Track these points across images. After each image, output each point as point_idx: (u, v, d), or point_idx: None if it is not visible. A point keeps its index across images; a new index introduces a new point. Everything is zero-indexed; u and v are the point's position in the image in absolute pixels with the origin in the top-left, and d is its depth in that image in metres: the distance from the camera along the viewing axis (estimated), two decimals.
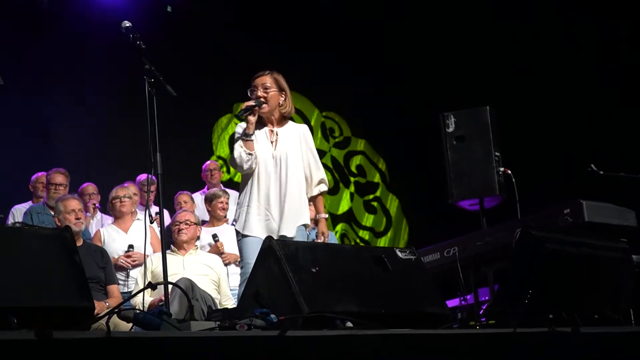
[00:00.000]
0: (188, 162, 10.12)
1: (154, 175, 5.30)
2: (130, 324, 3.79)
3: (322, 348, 3.51)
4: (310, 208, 5.84)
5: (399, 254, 4.62)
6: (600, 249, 5.00)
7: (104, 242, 7.40)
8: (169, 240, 7.04)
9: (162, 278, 5.15)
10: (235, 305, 5.89)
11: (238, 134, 5.53)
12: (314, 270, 4.15)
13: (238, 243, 5.55)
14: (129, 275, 7.22)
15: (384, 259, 4.49)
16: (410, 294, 4.48)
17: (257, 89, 5.58)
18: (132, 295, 6.47)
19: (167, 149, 5.37)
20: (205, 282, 6.78)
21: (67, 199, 6.89)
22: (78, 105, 9.79)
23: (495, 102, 7.41)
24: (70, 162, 9.41)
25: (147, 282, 6.10)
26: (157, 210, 5.50)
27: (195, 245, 7.20)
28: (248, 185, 5.52)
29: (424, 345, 3.83)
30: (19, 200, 8.28)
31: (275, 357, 3.41)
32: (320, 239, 5.65)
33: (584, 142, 9.87)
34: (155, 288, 5.22)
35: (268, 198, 5.46)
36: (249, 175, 5.52)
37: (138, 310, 3.82)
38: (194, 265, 6.94)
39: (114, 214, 7.69)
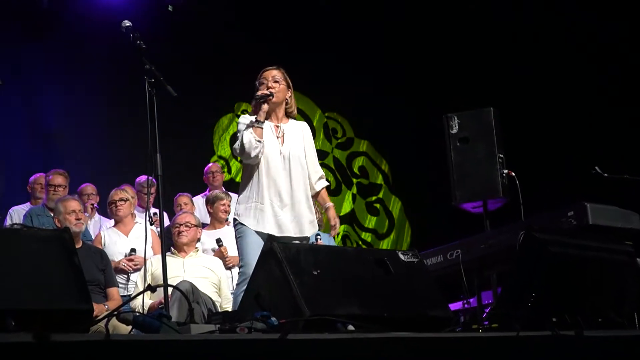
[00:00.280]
0: (188, 162, 10.12)
1: (154, 177, 5.30)
2: (130, 327, 3.79)
3: (323, 351, 3.51)
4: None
5: (402, 257, 4.62)
6: (605, 252, 5.01)
7: (105, 244, 7.41)
8: (169, 243, 7.05)
9: (162, 280, 5.15)
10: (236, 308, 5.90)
11: (244, 124, 5.48)
12: (316, 273, 4.15)
13: (240, 240, 5.47)
14: (130, 279, 7.23)
15: (386, 262, 4.49)
16: (413, 297, 4.48)
17: (266, 81, 5.57)
18: (131, 298, 6.48)
19: (167, 150, 5.37)
20: (206, 284, 6.78)
21: (67, 200, 6.90)
22: (77, 106, 9.79)
23: (499, 103, 7.41)
24: (70, 162, 9.42)
25: (146, 284, 6.11)
26: (154, 211, 5.49)
27: (196, 248, 7.20)
28: (254, 180, 5.48)
29: (427, 349, 3.83)
30: (16, 202, 8.29)
31: None
32: (333, 223, 5.68)
33: (588, 143, 9.87)
34: (155, 290, 5.24)
35: (281, 196, 5.45)
36: (254, 170, 5.49)
37: (137, 313, 3.83)
38: (195, 268, 6.94)
39: (113, 218, 7.71)
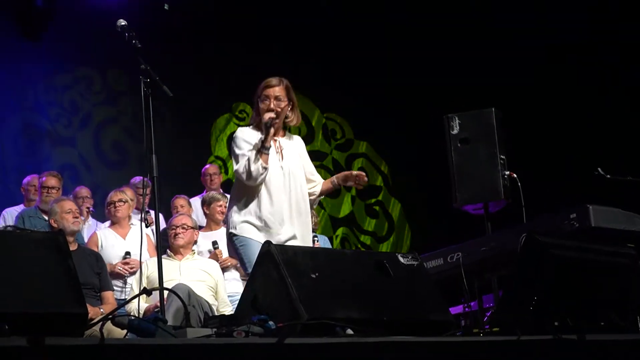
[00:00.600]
0: (186, 163, 10.14)
1: (149, 179, 5.29)
2: (125, 331, 3.79)
3: (321, 356, 3.52)
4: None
5: (401, 260, 4.62)
6: (607, 255, 5.01)
7: (102, 246, 7.42)
8: (165, 245, 7.05)
9: (157, 283, 5.15)
10: (233, 312, 5.90)
11: (246, 142, 5.38)
12: (314, 276, 4.15)
13: (243, 249, 5.37)
14: (127, 283, 7.23)
15: (386, 265, 4.49)
16: (413, 301, 4.49)
17: (269, 100, 5.44)
18: (126, 301, 6.48)
19: (164, 150, 5.38)
20: (202, 288, 6.79)
21: (62, 200, 6.92)
22: (72, 106, 9.80)
23: (501, 103, 7.41)
24: (65, 164, 9.45)
25: (142, 287, 6.11)
26: (147, 211, 5.48)
27: (192, 250, 7.20)
28: (253, 195, 5.38)
29: (427, 353, 3.84)
30: (10, 204, 8.30)
31: None
32: (356, 173, 5.54)
33: (591, 144, 9.89)
34: (151, 294, 5.24)
35: (282, 213, 5.37)
36: (255, 187, 5.38)
37: (133, 317, 3.83)
38: (191, 271, 6.94)
39: (110, 219, 7.72)
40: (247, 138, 5.43)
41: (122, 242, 7.49)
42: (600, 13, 9.90)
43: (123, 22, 5.39)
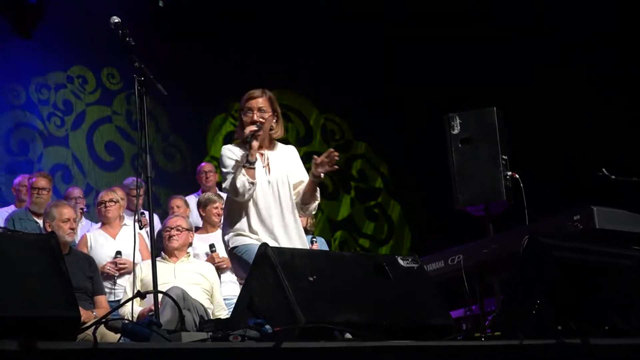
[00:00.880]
0: (182, 162, 10.15)
1: (143, 179, 5.28)
2: (118, 335, 3.79)
3: None
4: (301, 217, 5.78)
5: (401, 262, 4.62)
6: (612, 257, 5.01)
7: (91, 247, 7.41)
8: (160, 247, 7.05)
9: (151, 287, 5.15)
10: (229, 316, 5.89)
11: (231, 159, 5.39)
12: (312, 279, 4.15)
13: (243, 255, 5.31)
14: (116, 283, 7.23)
15: (385, 267, 4.49)
16: (413, 304, 4.49)
17: (252, 112, 5.44)
18: (120, 305, 6.47)
19: (159, 150, 5.37)
20: (198, 291, 6.79)
21: (61, 206, 6.85)
22: (65, 105, 9.80)
23: (501, 103, 7.41)
24: (57, 164, 9.45)
25: (136, 290, 6.11)
26: (142, 212, 5.48)
27: (187, 253, 7.20)
28: (243, 211, 5.37)
29: (427, 358, 3.84)
30: (1, 204, 8.31)
31: None
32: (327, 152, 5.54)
33: (595, 145, 9.89)
34: (145, 297, 5.22)
35: (272, 227, 5.36)
36: (244, 203, 5.38)
37: (127, 321, 3.83)
38: (186, 274, 6.94)
39: (101, 220, 7.71)
40: (232, 155, 5.43)
41: (112, 242, 7.48)
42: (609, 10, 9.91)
43: (116, 19, 5.36)
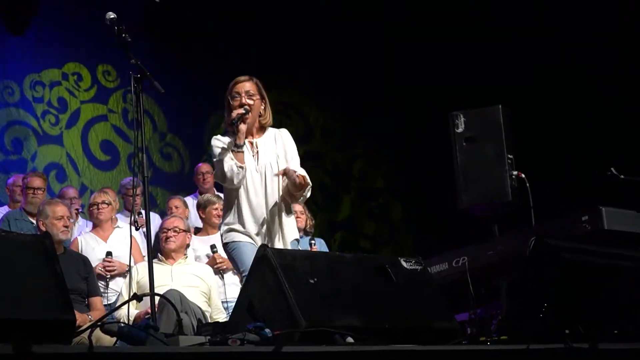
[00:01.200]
0: (180, 162, 10.15)
1: (140, 179, 5.28)
2: (114, 339, 3.79)
3: None
4: (300, 218, 5.80)
5: (404, 264, 4.62)
6: (621, 259, 5.01)
7: (82, 251, 7.39)
8: (156, 249, 7.04)
9: (148, 289, 5.15)
10: (227, 319, 5.89)
11: (220, 147, 5.45)
12: (312, 281, 4.16)
13: (235, 252, 5.45)
14: (108, 286, 7.22)
15: (388, 269, 4.49)
16: (416, 307, 4.49)
17: (239, 96, 5.52)
18: (116, 308, 6.47)
19: (157, 148, 5.38)
20: (195, 293, 6.78)
21: (55, 204, 6.88)
22: (60, 103, 9.81)
23: (502, 103, 7.40)
24: (51, 163, 9.45)
25: (132, 293, 6.11)
26: (139, 212, 5.47)
27: (185, 254, 7.20)
28: (234, 198, 5.46)
29: None
30: None
31: None
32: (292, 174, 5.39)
33: (603, 143, 9.88)
34: (141, 300, 5.23)
35: (262, 214, 5.43)
36: (235, 192, 5.47)
37: (123, 324, 3.83)
38: (183, 276, 6.94)
39: (92, 221, 7.69)
40: (220, 144, 5.49)
41: (103, 245, 7.47)
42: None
43: (112, 14, 5.35)
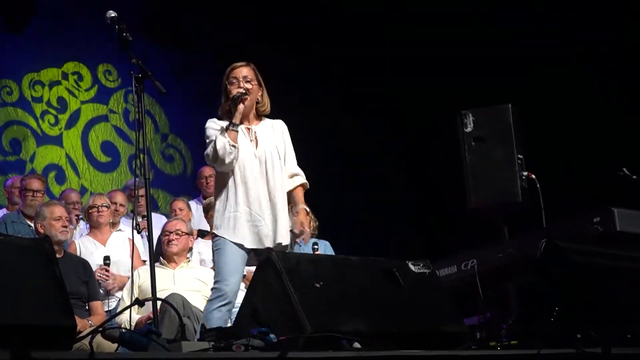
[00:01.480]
0: (182, 164, 10.16)
1: (141, 180, 5.28)
2: (116, 344, 3.79)
3: None
4: (297, 218, 5.75)
5: (412, 267, 4.63)
6: (633, 262, 5.01)
7: (80, 254, 7.39)
8: (159, 252, 7.04)
9: (150, 293, 5.15)
10: (231, 324, 5.90)
11: (215, 129, 5.43)
12: (318, 285, 4.16)
13: (217, 253, 5.41)
14: (109, 294, 7.20)
15: (395, 273, 4.49)
16: (425, 312, 4.49)
17: (237, 81, 5.52)
18: (117, 313, 6.48)
19: (158, 150, 5.38)
20: (198, 298, 6.78)
21: (52, 205, 6.91)
22: (59, 103, 9.82)
23: (518, 99, 7.40)
24: (50, 165, 9.46)
25: (134, 297, 6.11)
26: (144, 215, 5.46)
27: (187, 258, 7.20)
28: (230, 188, 5.43)
29: None
30: None
31: None
32: (298, 229, 5.48)
33: (615, 143, 9.86)
34: (143, 305, 5.24)
35: (259, 202, 5.40)
36: (228, 177, 5.44)
37: (124, 329, 3.83)
38: (186, 280, 6.94)
39: (91, 225, 7.68)
40: (216, 126, 5.48)
41: (101, 249, 7.46)
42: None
43: (113, 13, 5.34)
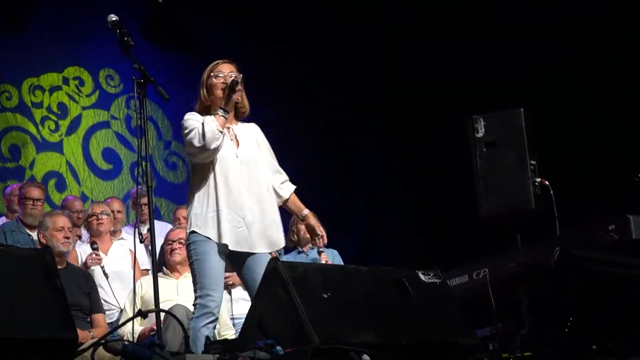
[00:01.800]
0: (185, 172, 10.17)
1: (144, 187, 5.26)
2: (118, 357, 3.79)
3: None
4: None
5: (422, 277, 4.62)
6: None
7: (80, 263, 7.39)
8: (162, 261, 7.05)
9: (153, 304, 5.14)
10: (235, 336, 5.89)
11: (197, 120, 5.31)
12: (326, 296, 4.15)
13: (199, 259, 5.23)
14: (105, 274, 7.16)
15: (405, 283, 4.49)
16: (435, 322, 4.48)
17: (223, 75, 5.46)
18: (120, 324, 6.48)
19: (161, 157, 5.37)
20: None
21: (55, 215, 6.90)
22: (60, 108, 9.85)
23: (530, 103, 7.39)
24: (50, 172, 9.48)
25: (136, 309, 6.10)
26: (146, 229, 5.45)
27: None
28: (210, 184, 5.33)
29: None
30: None
31: None
32: (320, 232, 5.50)
33: (631, 148, 9.85)
34: (146, 316, 5.22)
35: (241, 204, 5.32)
36: (207, 174, 5.35)
37: (127, 342, 3.83)
38: (189, 290, 6.89)
39: (91, 233, 7.67)
40: (198, 117, 5.38)
41: (103, 258, 7.44)
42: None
43: (114, 17, 5.34)
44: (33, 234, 7.35)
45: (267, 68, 10.08)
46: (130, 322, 5.91)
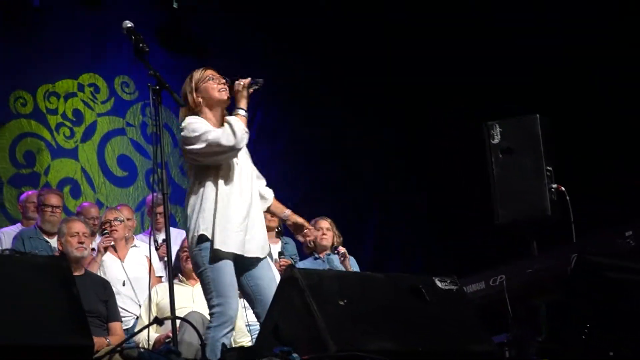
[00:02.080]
0: None
1: (159, 194, 5.27)
2: None
3: None
4: (326, 235, 5.70)
5: (439, 284, 4.62)
6: None
7: (103, 272, 7.40)
8: (177, 267, 7.05)
9: (168, 312, 5.15)
10: (252, 343, 5.89)
11: (204, 123, 5.25)
12: (342, 303, 4.16)
13: (214, 267, 5.18)
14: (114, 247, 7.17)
15: (422, 290, 4.49)
16: (452, 329, 4.48)
17: (216, 78, 5.42)
18: (136, 332, 6.49)
19: (176, 164, 5.38)
20: None
21: (71, 221, 6.92)
22: (75, 115, 9.88)
23: (546, 109, 7.38)
24: (65, 179, 9.50)
25: (152, 316, 6.12)
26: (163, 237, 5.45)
27: None
28: (219, 190, 5.28)
29: None
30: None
31: None
32: (308, 227, 5.53)
33: (631, 149, 9.82)
34: (163, 323, 5.23)
35: (243, 209, 5.30)
36: (211, 176, 5.30)
37: (143, 349, 3.85)
38: None
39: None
40: (202, 121, 5.30)
41: (119, 264, 7.43)
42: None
43: (129, 23, 5.33)
44: (51, 241, 7.36)
45: (267, 68, 10.09)
46: (147, 329, 5.94)
